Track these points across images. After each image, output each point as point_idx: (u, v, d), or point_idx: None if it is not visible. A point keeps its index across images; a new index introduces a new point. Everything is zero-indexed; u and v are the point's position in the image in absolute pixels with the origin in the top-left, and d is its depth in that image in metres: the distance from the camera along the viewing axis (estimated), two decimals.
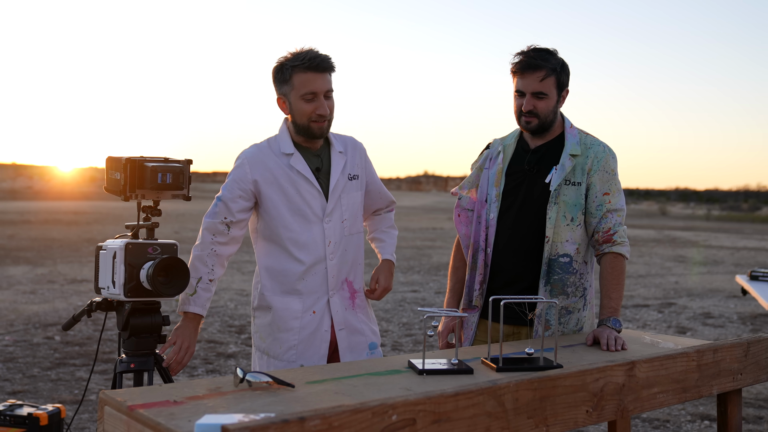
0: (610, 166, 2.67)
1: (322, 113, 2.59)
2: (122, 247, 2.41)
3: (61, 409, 2.92)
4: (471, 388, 1.69)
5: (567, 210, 2.64)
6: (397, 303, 9.17)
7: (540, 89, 2.61)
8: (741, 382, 2.42)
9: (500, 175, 2.76)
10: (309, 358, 2.64)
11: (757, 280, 5.38)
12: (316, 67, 2.57)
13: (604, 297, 2.60)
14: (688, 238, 22.95)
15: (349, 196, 2.73)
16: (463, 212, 2.85)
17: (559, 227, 2.63)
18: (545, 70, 2.60)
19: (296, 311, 2.64)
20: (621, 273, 2.61)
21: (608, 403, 2.01)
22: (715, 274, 13.20)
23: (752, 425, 4.69)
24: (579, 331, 2.72)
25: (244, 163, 2.66)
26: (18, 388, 5.11)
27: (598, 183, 2.65)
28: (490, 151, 2.85)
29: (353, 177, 2.76)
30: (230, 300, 9.03)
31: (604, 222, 2.64)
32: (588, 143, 2.69)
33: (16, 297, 8.95)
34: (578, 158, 2.66)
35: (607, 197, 2.65)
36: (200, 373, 5.61)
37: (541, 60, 2.60)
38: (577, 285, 2.67)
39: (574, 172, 2.65)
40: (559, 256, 2.63)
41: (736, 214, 48.87)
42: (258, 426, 1.37)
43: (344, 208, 2.71)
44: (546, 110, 2.64)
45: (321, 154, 2.72)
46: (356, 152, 2.80)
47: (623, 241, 2.64)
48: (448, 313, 2.04)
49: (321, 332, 2.65)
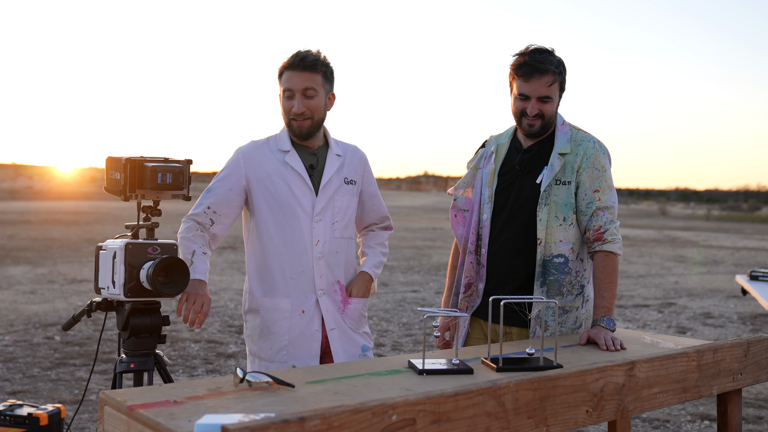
0: (600, 163, 2.64)
1: (296, 111, 2.61)
2: (122, 247, 2.41)
3: (61, 409, 2.92)
4: (471, 388, 1.69)
5: (558, 210, 2.62)
6: (397, 303, 9.17)
7: (547, 93, 2.60)
8: (741, 382, 2.42)
9: (493, 175, 2.75)
10: (300, 359, 2.63)
11: (757, 280, 5.38)
12: (296, 65, 2.61)
13: (597, 296, 2.59)
14: (688, 238, 22.95)
15: (343, 198, 2.72)
16: (460, 212, 2.85)
17: (551, 228, 2.62)
18: (552, 74, 2.58)
19: (285, 311, 2.64)
20: (613, 271, 2.59)
21: (608, 403, 2.01)
22: (715, 274, 13.20)
23: (752, 425, 4.69)
24: (578, 329, 2.71)
25: (239, 158, 2.70)
26: (18, 388, 5.11)
27: (588, 180, 2.63)
28: (485, 150, 2.84)
29: (349, 181, 2.75)
30: (230, 300, 9.02)
31: (594, 220, 2.62)
32: (578, 140, 2.67)
33: (16, 297, 8.95)
34: (568, 156, 2.64)
35: (597, 194, 2.62)
36: (200, 373, 5.61)
37: (547, 63, 2.58)
38: (573, 284, 2.66)
39: (564, 171, 2.63)
40: (553, 257, 2.62)
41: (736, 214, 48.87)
42: (258, 426, 1.37)
43: (336, 209, 2.70)
44: (551, 113, 2.64)
45: (318, 153, 2.73)
46: (355, 158, 2.80)
47: (614, 239, 2.61)
48: (448, 312, 2.04)
49: (311, 332, 2.64)
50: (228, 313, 8.19)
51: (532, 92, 2.59)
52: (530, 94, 2.60)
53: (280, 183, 2.65)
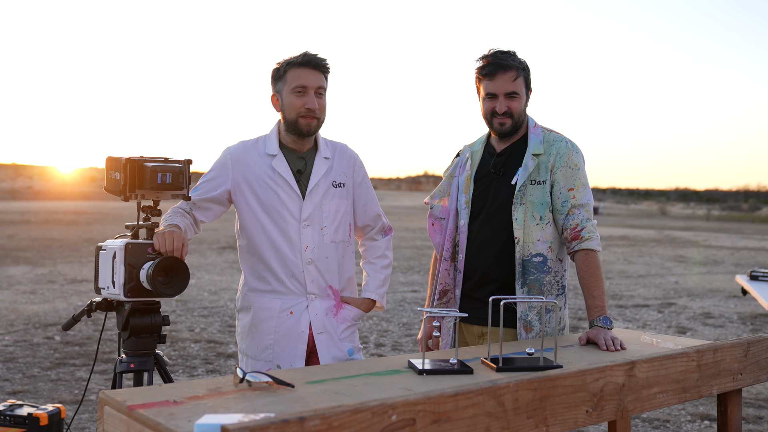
0: (573, 161, 2.66)
1: (310, 107, 2.60)
2: (122, 247, 2.41)
3: (61, 409, 2.92)
4: (471, 388, 1.69)
5: (534, 209, 2.63)
6: (397, 303, 9.18)
7: (513, 89, 2.65)
8: (741, 382, 2.42)
9: (469, 181, 2.77)
10: (285, 359, 2.63)
11: (757, 280, 5.38)
12: (309, 63, 2.61)
13: (588, 297, 2.58)
14: (688, 238, 22.95)
15: (332, 203, 2.69)
16: (437, 221, 2.87)
17: (528, 227, 2.63)
18: (516, 70, 2.65)
19: (274, 310, 2.65)
20: (597, 269, 2.59)
21: (608, 403, 2.01)
22: (715, 274, 13.21)
23: (752, 425, 4.69)
24: (562, 330, 2.72)
25: (227, 160, 2.70)
26: (18, 388, 5.11)
27: (562, 179, 2.64)
28: (460, 159, 2.88)
29: (338, 184, 2.71)
30: (230, 300, 9.03)
31: (570, 218, 2.62)
32: (551, 140, 2.70)
33: (16, 297, 8.95)
34: (541, 157, 2.66)
35: (571, 192, 2.63)
36: (200, 373, 5.61)
37: (510, 60, 2.65)
38: (553, 284, 2.67)
39: (539, 171, 2.65)
40: (532, 257, 2.63)
41: (736, 214, 48.88)
42: (258, 426, 1.37)
43: (325, 214, 2.67)
44: (519, 110, 2.68)
45: (306, 157, 2.71)
46: (344, 160, 2.76)
47: (592, 236, 2.61)
48: (447, 312, 2.04)
49: (297, 332, 2.64)
50: (228, 313, 8.19)
51: (498, 89, 2.65)
52: (496, 91, 2.65)
53: (267, 188, 2.65)
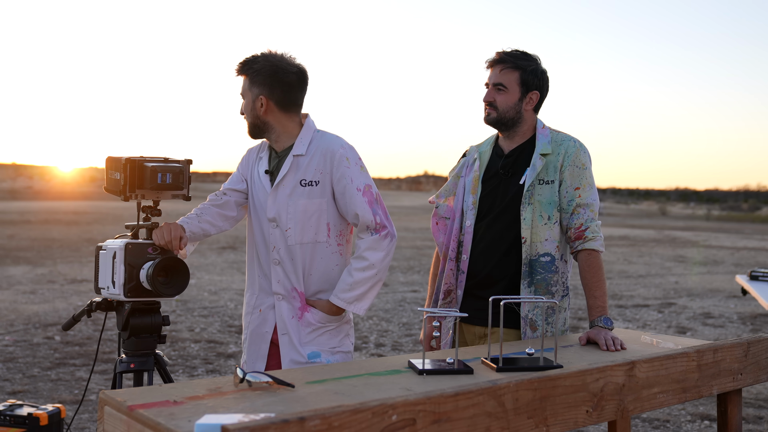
0: (581, 161, 2.67)
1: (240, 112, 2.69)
2: (122, 247, 2.42)
3: (61, 409, 2.92)
4: (471, 388, 1.69)
5: (543, 209, 2.63)
6: (397, 303, 9.18)
7: (500, 80, 2.67)
8: (741, 382, 2.42)
9: (477, 182, 2.77)
10: (250, 356, 2.68)
11: (757, 280, 5.38)
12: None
13: (589, 297, 2.58)
14: (688, 238, 22.96)
15: (298, 203, 2.57)
16: (441, 220, 2.86)
17: (536, 227, 2.63)
18: (509, 63, 2.67)
19: (249, 306, 2.71)
20: (599, 269, 2.60)
21: (608, 403, 2.01)
22: (715, 274, 13.21)
23: (752, 425, 4.69)
24: (565, 331, 2.72)
25: (244, 156, 2.81)
26: (18, 388, 5.11)
27: (569, 177, 2.65)
28: (467, 159, 2.87)
29: (308, 183, 2.58)
30: (230, 300, 9.03)
31: (575, 218, 2.63)
32: (559, 140, 2.70)
33: (16, 297, 8.95)
34: (549, 156, 2.67)
35: (577, 192, 2.64)
36: (200, 373, 5.61)
37: (509, 56, 2.68)
38: (560, 284, 2.67)
39: (547, 171, 2.65)
40: (539, 256, 2.62)
41: (736, 214, 48.90)
42: (258, 426, 1.37)
43: (290, 215, 2.57)
44: (504, 104, 2.68)
45: (282, 156, 2.65)
46: (321, 157, 2.59)
47: (596, 236, 2.62)
48: (447, 312, 2.04)
49: (262, 332, 2.66)
50: (228, 313, 8.19)
51: (489, 79, 2.71)
52: (487, 80, 2.72)
53: (253, 187, 2.70)
